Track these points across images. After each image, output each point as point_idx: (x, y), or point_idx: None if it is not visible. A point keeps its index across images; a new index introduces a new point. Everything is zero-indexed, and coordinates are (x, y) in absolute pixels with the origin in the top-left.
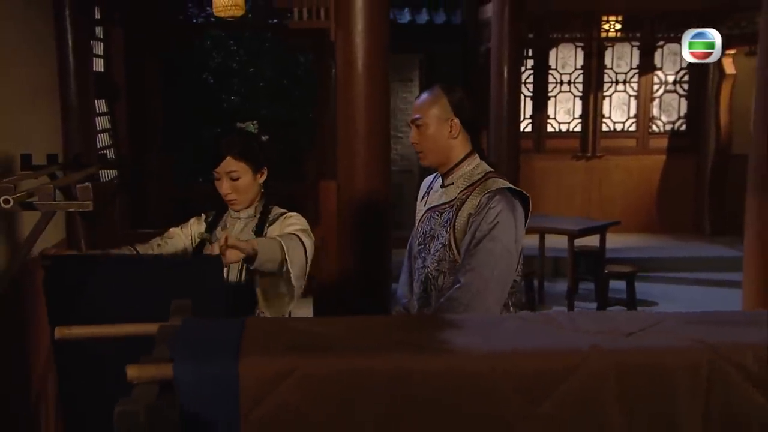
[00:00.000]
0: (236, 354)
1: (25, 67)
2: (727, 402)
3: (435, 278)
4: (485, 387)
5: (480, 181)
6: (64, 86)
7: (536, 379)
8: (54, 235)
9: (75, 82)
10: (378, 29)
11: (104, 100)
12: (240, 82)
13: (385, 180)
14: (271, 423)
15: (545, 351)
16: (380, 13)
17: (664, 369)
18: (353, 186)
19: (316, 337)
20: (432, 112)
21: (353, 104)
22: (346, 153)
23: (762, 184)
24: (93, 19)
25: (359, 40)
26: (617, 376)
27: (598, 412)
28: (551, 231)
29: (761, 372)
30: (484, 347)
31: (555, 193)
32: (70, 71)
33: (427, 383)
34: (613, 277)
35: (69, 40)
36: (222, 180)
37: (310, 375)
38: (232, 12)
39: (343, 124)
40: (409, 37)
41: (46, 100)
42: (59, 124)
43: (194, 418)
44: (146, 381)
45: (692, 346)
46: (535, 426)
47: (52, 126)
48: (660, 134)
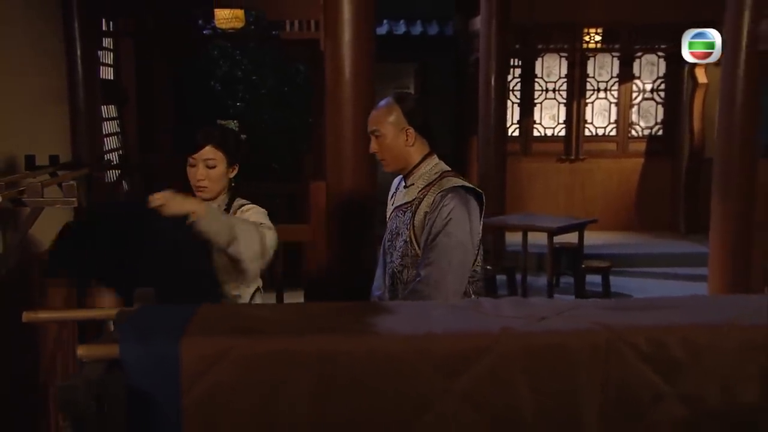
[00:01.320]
0: (180, 335)
1: (36, 76)
2: (623, 378)
3: (400, 272)
4: (406, 366)
5: (436, 180)
6: (73, 93)
7: (452, 359)
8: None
9: (83, 89)
10: (364, 40)
11: (114, 106)
12: (244, 89)
13: (371, 180)
14: (209, 399)
15: (461, 333)
16: (366, 25)
17: (567, 349)
18: (341, 186)
19: (256, 321)
20: (387, 123)
21: (341, 109)
22: (334, 155)
23: (725, 188)
24: (100, 31)
25: (346, 50)
26: (526, 356)
27: (509, 387)
28: (532, 228)
29: (652, 351)
30: (405, 330)
31: (541, 193)
32: (78, 79)
33: (352, 363)
34: (589, 271)
35: (77, 51)
36: (197, 167)
37: (244, 355)
38: (233, 24)
39: (332, 128)
40: (405, 47)
41: (55, 106)
42: (68, 128)
43: (139, 394)
44: (94, 360)
45: (593, 328)
46: (453, 401)
47: (61, 130)
48: (638, 139)
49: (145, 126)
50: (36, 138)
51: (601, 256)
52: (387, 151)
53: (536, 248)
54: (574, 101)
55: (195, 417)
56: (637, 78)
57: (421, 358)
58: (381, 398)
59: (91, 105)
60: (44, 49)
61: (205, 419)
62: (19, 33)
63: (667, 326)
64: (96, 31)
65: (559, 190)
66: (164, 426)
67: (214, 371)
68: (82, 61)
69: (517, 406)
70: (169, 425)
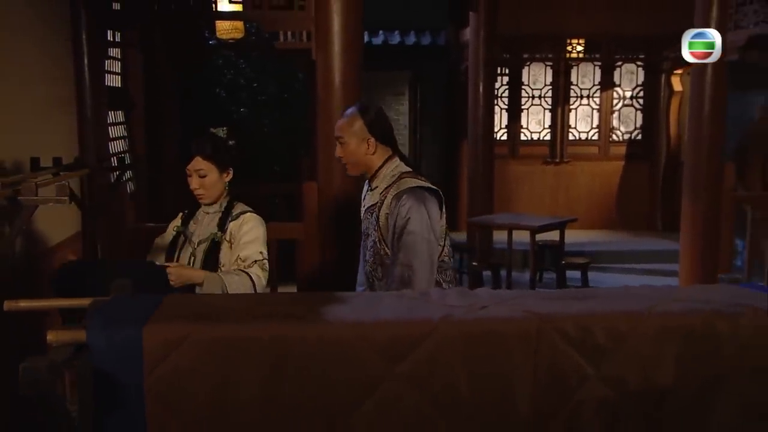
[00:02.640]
0: (143, 322)
1: (45, 84)
2: (553, 361)
3: (375, 270)
4: (353, 351)
5: (394, 182)
6: (80, 100)
7: (396, 344)
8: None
9: (90, 96)
10: (352, 50)
11: (121, 111)
12: (247, 96)
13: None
14: (169, 381)
15: (404, 321)
16: (354, 36)
17: (501, 335)
18: (331, 187)
19: (216, 310)
20: (350, 132)
21: (331, 114)
22: (325, 157)
23: (693, 190)
24: (107, 42)
25: (336, 59)
26: (463, 341)
27: (448, 371)
28: (517, 227)
29: (578, 336)
30: (352, 317)
31: (528, 193)
32: (85, 87)
33: (302, 349)
34: (569, 267)
35: (85, 60)
36: (192, 177)
37: (201, 340)
38: (233, 35)
39: (323, 131)
40: (400, 56)
41: (64, 112)
42: (76, 132)
43: (105, 376)
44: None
45: (526, 316)
46: (396, 384)
47: (69, 134)
48: (619, 143)
49: (152, 130)
50: (45, 142)
51: (582, 253)
52: (350, 157)
53: (522, 246)
54: (559, 107)
55: (156, 397)
56: (618, 86)
57: (367, 344)
58: (329, 381)
59: (98, 111)
60: (53, 59)
61: (166, 399)
62: (30, 44)
63: (593, 314)
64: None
65: (545, 191)
66: (128, 406)
67: (174, 355)
68: (89, 69)
69: (455, 386)
70: (133, 405)
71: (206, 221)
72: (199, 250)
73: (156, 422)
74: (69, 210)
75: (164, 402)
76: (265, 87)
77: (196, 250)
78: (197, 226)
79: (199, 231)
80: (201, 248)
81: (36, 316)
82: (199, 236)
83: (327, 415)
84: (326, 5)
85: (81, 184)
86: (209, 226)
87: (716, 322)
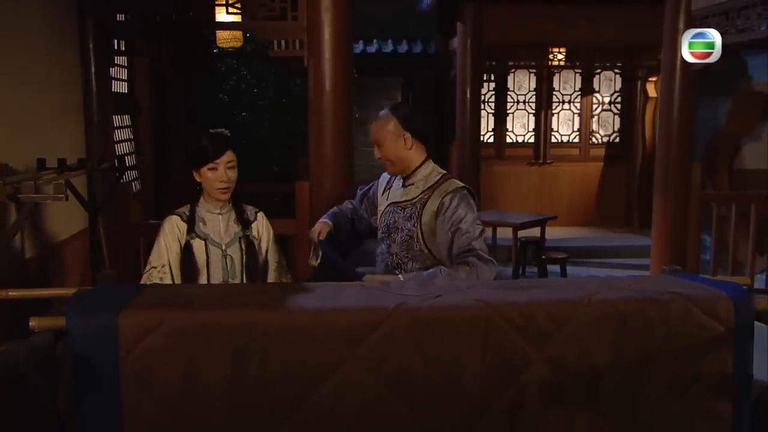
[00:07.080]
0: (120, 309)
1: (54, 90)
2: (500, 346)
3: (405, 263)
4: (312, 337)
5: (438, 183)
6: (87, 105)
7: (353, 330)
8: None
9: (96, 101)
10: (342, 57)
11: (128, 116)
12: (248, 101)
13: (349, 181)
14: (143, 363)
15: (361, 308)
16: (344, 44)
17: (452, 322)
18: (322, 186)
19: (192, 298)
20: (386, 132)
21: (322, 117)
22: (316, 158)
23: (664, 187)
24: (113, 50)
25: (327, 65)
26: (416, 327)
27: (402, 355)
28: (500, 224)
29: (523, 323)
30: (313, 305)
31: (513, 193)
32: (92, 92)
33: (267, 334)
34: (549, 262)
35: (92, 67)
36: (219, 170)
37: (173, 326)
38: (232, 43)
39: (314, 134)
40: (392, 64)
41: (71, 117)
42: (83, 136)
43: (83, 359)
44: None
45: (476, 304)
46: (353, 367)
47: (76, 138)
48: (598, 145)
49: (158, 133)
50: (53, 145)
51: (563, 249)
52: (389, 155)
53: (506, 241)
54: (542, 112)
55: (131, 378)
56: (597, 92)
57: (326, 330)
58: (291, 364)
59: (104, 116)
60: (62, 67)
61: (140, 381)
62: (39, 52)
63: (537, 302)
64: (108, 51)
65: (529, 190)
66: (105, 386)
67: (147, 339)
68: (95, 76)
69: (408, 369)
70: (109, 386)
71: (222, 225)
72: (232, 250)
73: (130, 402)
74: (76, 208)
75: (138, 383)
76: (265, 92)
77: (227, 251)
78: (209, 228)
79: (215, 233)
80: (233, 249)
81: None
82: (220, 238)
83: (290, 396)
84: (317, 16)
85: (88, 184)
86: (229, 226)
87: (648, 309)
